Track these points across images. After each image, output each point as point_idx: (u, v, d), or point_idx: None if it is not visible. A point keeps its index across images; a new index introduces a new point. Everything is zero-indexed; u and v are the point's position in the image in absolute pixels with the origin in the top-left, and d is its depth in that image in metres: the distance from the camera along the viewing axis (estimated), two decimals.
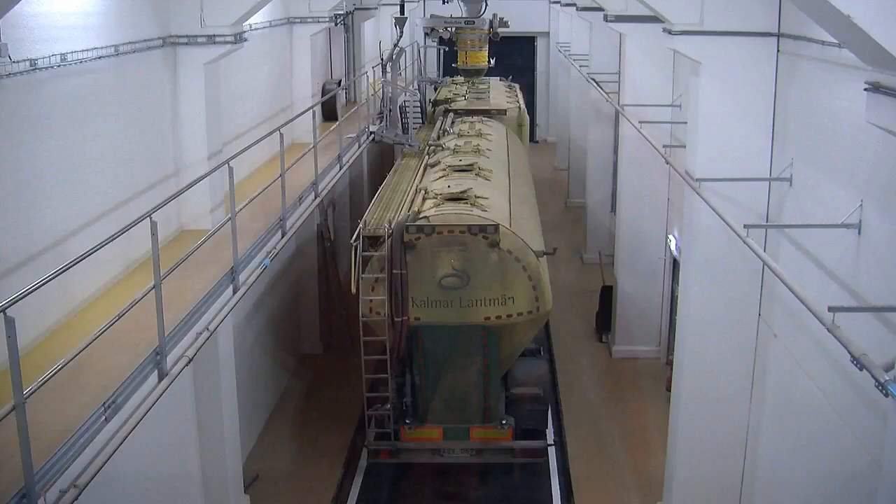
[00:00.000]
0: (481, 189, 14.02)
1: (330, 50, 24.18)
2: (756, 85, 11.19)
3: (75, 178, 10.19)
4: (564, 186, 33.36)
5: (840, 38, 6.60)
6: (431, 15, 24.32)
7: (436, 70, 29.80)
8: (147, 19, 11.96)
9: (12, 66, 8.61)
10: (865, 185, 8.58)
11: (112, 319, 7.31)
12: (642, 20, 16.40)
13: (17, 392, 5.68)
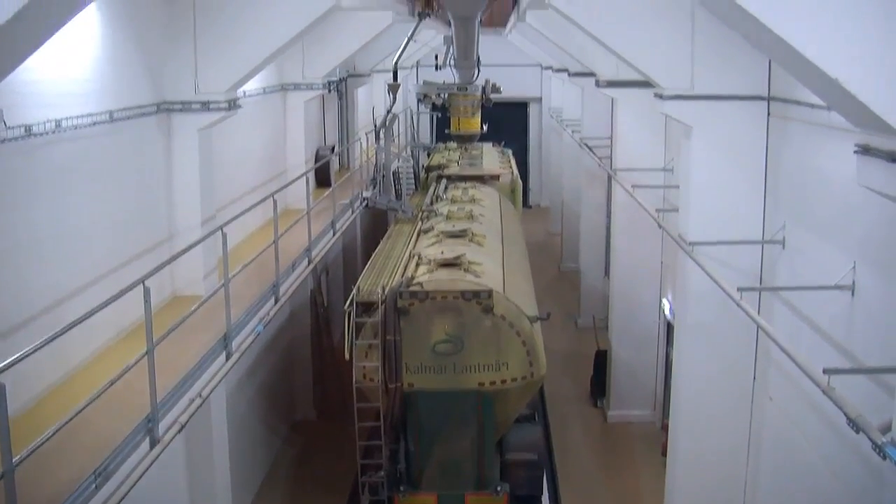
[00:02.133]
0: (475, 254, 14.01)
1: (323, 116, 24.34)
2: (747, 148, 11.28)
3: (69, 243, 10.18)
4: (558, 251, 33.42)
5: (828, 102, 6.65)
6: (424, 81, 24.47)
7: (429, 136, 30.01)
8: (142, 85, 12.05)
9: (7, 131, 8.65)
10: (858, 247, 8.60)
11: (104, 386, 7.25)
12: (634, 85, 16.57)
13: (6, 459, 5.62)
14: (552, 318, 13.98)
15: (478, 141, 26.38)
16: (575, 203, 28.64)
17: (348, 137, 26.68)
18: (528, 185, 41.73)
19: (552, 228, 37.39)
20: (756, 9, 5.54)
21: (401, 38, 20.95)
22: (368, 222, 26.62)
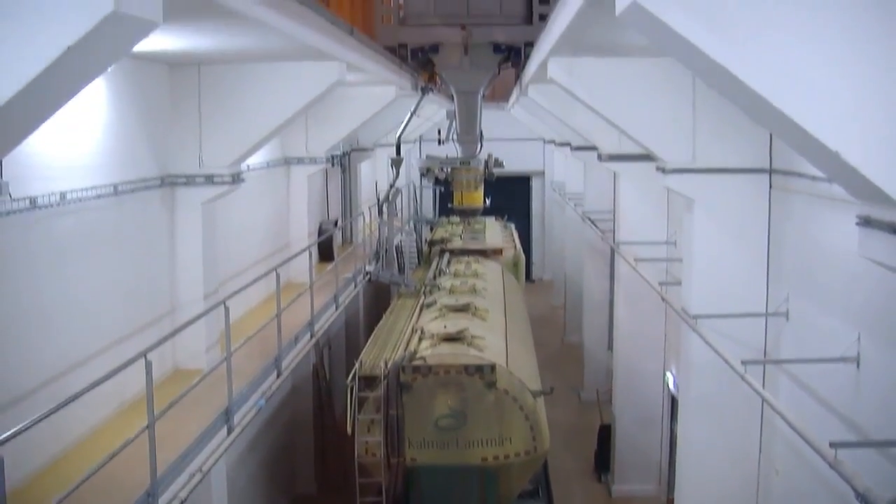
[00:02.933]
0: (477, 328, 14.00)
1: (327, 190, 24.47)
2: (750, 220, 11.30)
3: (72, 316, 10.18)
4: (561, 324, 33.34)
5: (829, 174, 6.67)
6: (427, 156, 24.68)
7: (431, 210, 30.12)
8: (146, 158, 12.13)
9: (12, 203, 8.69)
10: (862, 318, 8.57)
11: (104, 459, 7.20)
12: (635, 159, 16.68)
13: None
14: (555, 392, 13.89)
15: (481, 215, 26.56)
16: (578, 276, 28.64)
17: (351, 211, 26.80)
18: (530, 258, 41.79)
19: (555, 302, 37.34)
20: (755, 83, 5.57)
21: (404, 112, 21.17)
22: (371, 296, 26.62)
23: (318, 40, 10.91)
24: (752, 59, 5.59)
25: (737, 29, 5.60)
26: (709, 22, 5.60)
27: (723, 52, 5.60)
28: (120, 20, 5.18)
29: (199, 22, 8.55)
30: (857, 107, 5.47)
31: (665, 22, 5.65)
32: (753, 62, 5.60)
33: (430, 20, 18.43)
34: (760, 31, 5.53)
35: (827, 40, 5.47)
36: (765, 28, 5.52)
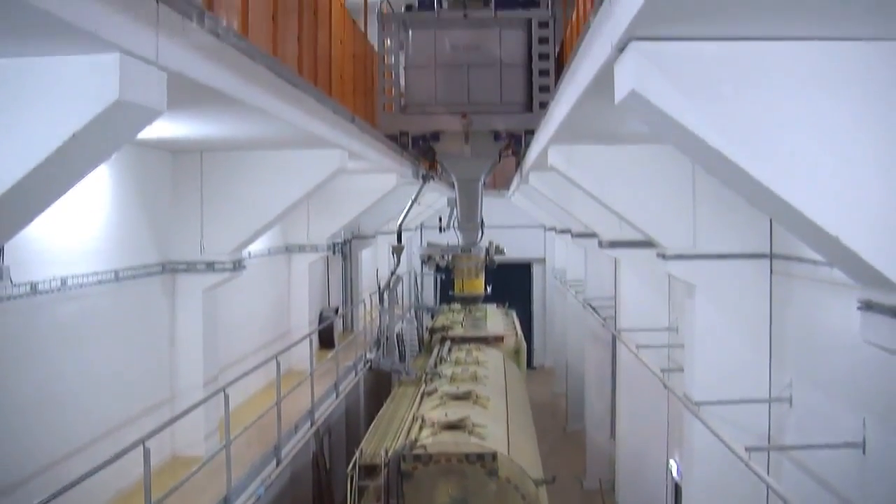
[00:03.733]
0: (479, 417, 13.89)
1: (327, 277, 24.49)
2: (751, 306, 11.30)
3: (70, 402, 10.12)
4: (563, 412, 33.09)
5: (829, 259, 6.69)
6: (428, 243, 24.74)
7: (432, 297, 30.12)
8: (147, 245, 12.17)
9: (13, 288, 8.70)
10: (867, 403, 8.51)
11: None
12: (636, 245, 16.71)
13: None
14: (558, 481, 13.72)
15: (482, 302, 26.52)
16: (579, 363, 28.52)
17: (352, 299, 26.79)
18: (532, 345, 41.63)
19: (557, 389, 37.12)
20: (753, 170, 5.61)
21: (405, 200, 21.28)
22: (372, 384, 26.46)
23: (320, 128, 11.02)
24: (751, 147, 5.64)
25: (735, 117, 5.66)
26: (707, 110, 5.66)
27: (721, 139, 5.65)
28: (125, 108, 5.25)
29: (201, 109, 8.65)
30: (856, 191, 5.50)
31: (664, 110, 5.71)
32: (752, 149, 5.64)
33: (432, 108, 18.63)
34: (758, 119, 5.59)
35: (824, 126, 5.53)
36: (763, 115, 5.58)
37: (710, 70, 5.67)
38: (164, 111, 5.81)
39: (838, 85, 5.55)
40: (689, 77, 5.67)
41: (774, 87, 5.60)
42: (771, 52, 5.62)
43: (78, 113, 5.06)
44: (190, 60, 6.35)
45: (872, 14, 5.28)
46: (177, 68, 5.99)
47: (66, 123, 5.03)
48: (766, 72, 5.61)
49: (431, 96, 18.64)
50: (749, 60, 5.62)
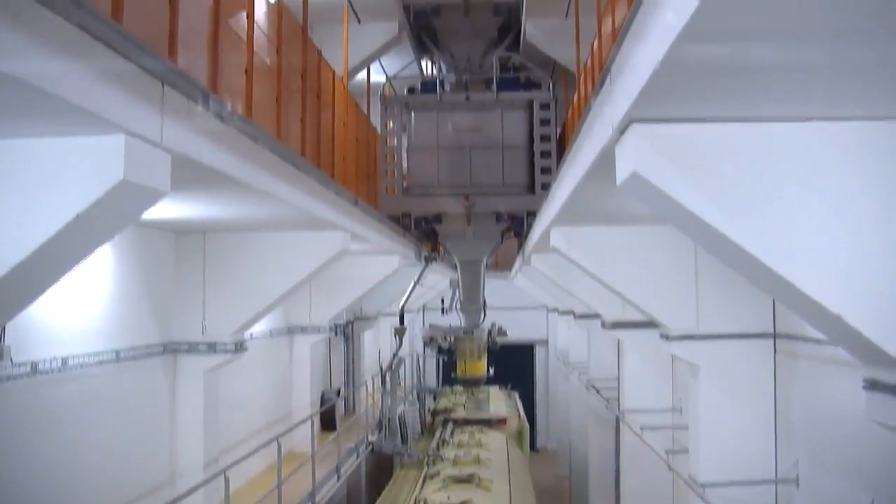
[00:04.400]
0: (482, 500, 13.74)
1: (329, 358, 24.41)
2: (756, 386, 11.23)
3: (70, 483, 10.01)
4: (566, 495, 32.68)
5: (832, 338, 6.66)
6: (430, 325, 24.70)
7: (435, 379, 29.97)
8: (148, 325, 12.15)
9: (13, 368, 8.67)
10: (875, 483, 8.41)
11: None
12: (639, 326, 16.66)
13: None
14: None
15: (484, 384, 26.38)
16: (583, 445, 28.23)
17: (354, 381, 26.66)
18: (535, 427, 41.28)
19: (560, 472, 36.71)
20: (755, 250, 5.62)
21: (407, 281, 21.29)
22: (373, 467, 26.18)
23: (323, 210, 11.08)
24: (752, 227, 5.66)
25: (736, 197, 5.68)
26: (708, 191, 5.69)
27: (722, 220, 5.66)
28: (129, 189, 5.28)
29: (205, 190, 8.70)
30: (858, 270, 5.50)
31: (665, 191, 5.73)
32: (753, 230, 5.66)
33: (434, 190, 18.76)
34: (759, 200, 5.61)
35: (825, 206, 5.55)
36: (764, 196, 5.60)
37: (711, 151, 5.71)
38: (167, 192, 5.85)
39: (838, 165, 5.59)
40: (690, 158, 5.72)
41: (775, 167, 5.64)
42: (771, 133, 5.67)
43: (82, 193, 5.09)
44: (194, 142, 6.41)
45: (870, 94, 5.33)
46: (181, 150, 6.04)
47: (69, 204, 5.06)
48: (766, 152, 5.65)
49: (434, 178, 18.79)
50: (749, 141, 5.67)
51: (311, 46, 11.32)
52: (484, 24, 20.33)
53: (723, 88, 5.18)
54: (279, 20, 9.72)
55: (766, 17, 4.18)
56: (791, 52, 4.60)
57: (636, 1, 5.35)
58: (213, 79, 7.25)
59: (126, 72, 5.15)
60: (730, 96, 5.33)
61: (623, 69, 5.94)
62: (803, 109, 5.60)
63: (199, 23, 7.13)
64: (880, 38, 4.40)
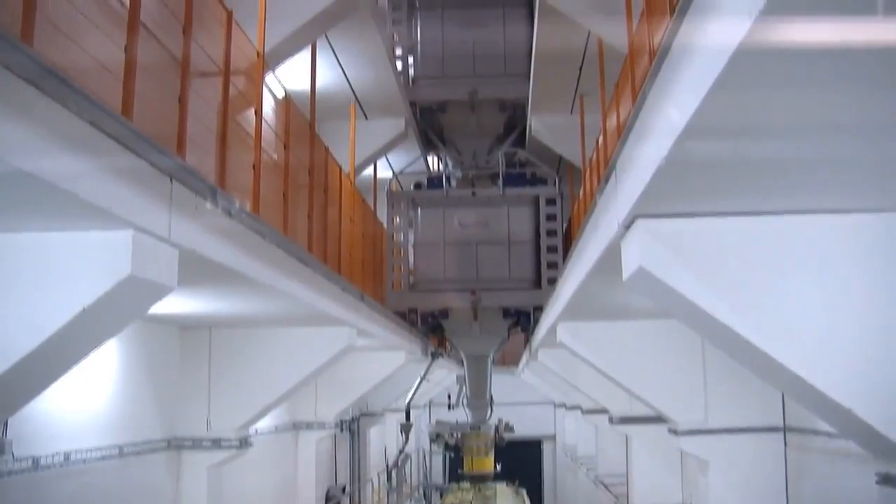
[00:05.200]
0: None
1: (335, 455, 24.16)
2: (767, 480, 11.10)
3: None
4: None
5: (843, 432, 6.60)
6: (437, 421, 24.53)
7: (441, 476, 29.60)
8: (152, 421, 12.06)
9: (15, 463, 8.58)
10: None
11: None
12: (647, 421, 16.52)
13: None
14: None
15: (491, 480, 26.07)
16: None
17: (360, 477, 26.34)
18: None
19: None
20: (762, 343, 5.61)
21: (413, 377, 21.19)
22: None
23: (329, 306, 11.08)
24: (758, 321, 5.65)
25: (741, 291, 5.69)
26: (714, 285, 5.70)
27: (728, 314, 5.66)
28: (136, 284, 5.30)
29: (212, 285, 8.72)
30: (867, 363, 5.48)
31: (671, 286, 5.74)
32: (759, 323, 5.65)
33: (440, 286, 18.80)
34: (764, 293, 5.62)
35: (832, 298, 5.55)
36: (768, 289, 5.61)
37: (716, 246, 5.74)
38: (174, 288, 5.86)
39: (843, 257, 5.61)
40: (696, 253, 5.74)
41: (780, 260, 5.66)
42: (774, 226, 5.70)
43: (89, 288, 5.11)
44: (202, 237, 6.44)
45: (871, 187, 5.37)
46: (189, 245, 6.07)
47: (76, 298, 5.07)
48: (770, 246, 5.68)
49: (440, 273, 18.84)
50: (753, 234, 5.70)
51: (318, 143, 11.45)
52: (490, 120, 20.57)
53: (726, 183, 5.23)
54: (287, 116, 9.85)
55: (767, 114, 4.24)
56: (792, 147, 4.65)
57: (639, 99, 5.43)
58: (221, 174, 7.32)
59: (136, 168, 5.21)
60: (733, 191, 5.38)
61: (628, 166, 6.00)
62: (806, 202, 5.64)
63: (207, 119, 7.23)
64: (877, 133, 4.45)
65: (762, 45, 3.67)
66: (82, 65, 4.89)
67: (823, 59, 3.78)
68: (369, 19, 13.53)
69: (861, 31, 3.55)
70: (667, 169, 4.87)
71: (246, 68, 8.46)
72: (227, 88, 7.60)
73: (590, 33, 12.96)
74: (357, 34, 13.82)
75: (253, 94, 8.57)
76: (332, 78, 15.36)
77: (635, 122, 5.65)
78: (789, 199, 5.57)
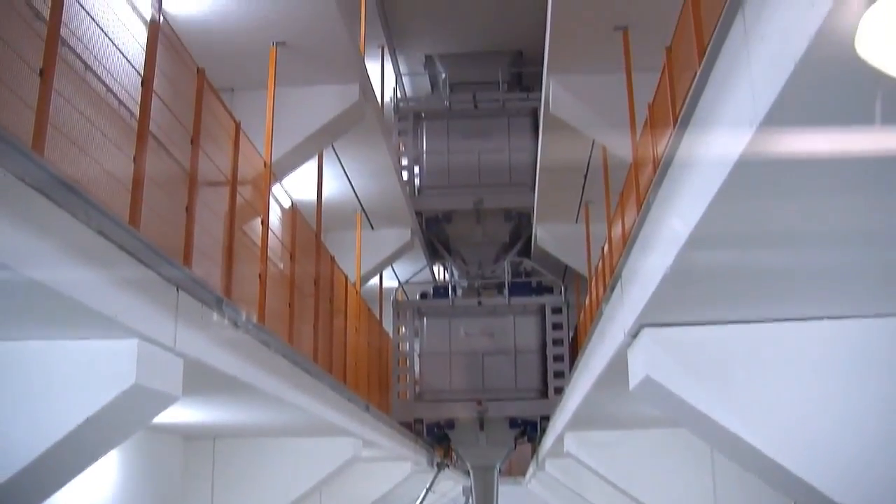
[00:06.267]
0: None
1: None
2: None
3: None
4: None
5: None
6: None
7: None
8: None
9: None
10: None
11: None
12: None
13: None
14: None
15: None
16: None
17: None
18: None
19: None
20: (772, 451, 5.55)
21: (419, 488, 20.88)
22: None
23: (335, 416, 10.99)
24: (768, 429, 5.60)
25: (749, 399, 5.65)
26: (721, 394, 5.66)
27: (736, 422, 5.62)
28: (140, 393, 5.27)
29: (216, 395, 8.67)
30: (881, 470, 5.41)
31: (678, 395, 5.71)
32: (768, 432, 5.60)
33: (446, 396, 18.68)
34: (773, 401, 5.59)
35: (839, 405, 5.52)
36: (776, 397, 5.58)
37: (722, 354, 5.71)
38: (179, 397, 5.83)
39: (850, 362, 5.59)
40: (702, 362, 5.72)
41: (785, 367, 5.63)
42: (780, 333, 5.69)
43: (93, 397, 5.08)
44: (207, 347, 6.43)
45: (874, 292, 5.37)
46: (194, 355, 6.05)
47: (80, 407, 5.04)
48: (776, 353, 5.66)
49: (446, 383, 18.73)
50: (758, 341, 5.69)
51: (324, 253, 11.49)
52: (495, 229, 20.67)
53: (730, 291, 5.24)
54: (294, 226, 9.91)
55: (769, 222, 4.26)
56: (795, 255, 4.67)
57: (643, 209, 5.47)
58: (228, 285, 7.34)
59: (142, 277, 5.22)
60: (737, 299, 5.38)
61: (633, 275, 6.02)
62: (810, 309, 5.63)
63: (214, 229, 7.28)
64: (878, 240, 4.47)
65: (763, 155, 3.71)
66: (91, 174, 4.95)
67: (824, 168, 3.82)
68: (376, 130, 13.69)
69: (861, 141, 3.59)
70: (672, 278, 4.89)
71: (253, 178, 8.55)
72: (234, 198, 7.67)
73: (594, 142, 13.11)
74: (363, 144, 13.97)
75: (260, 204, 8.64)
76: (339, 188, 15.49)
77: (640, 232, 5.69)
78: (793, 306, 5.57)
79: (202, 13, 9.55)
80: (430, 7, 18.31)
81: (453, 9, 18.49)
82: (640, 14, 9.71)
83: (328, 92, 11.52)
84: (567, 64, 11.43)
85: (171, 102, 6.34)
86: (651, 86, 6.85)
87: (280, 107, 10.05)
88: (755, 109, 3.62)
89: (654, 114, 6.59)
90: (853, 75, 3.33)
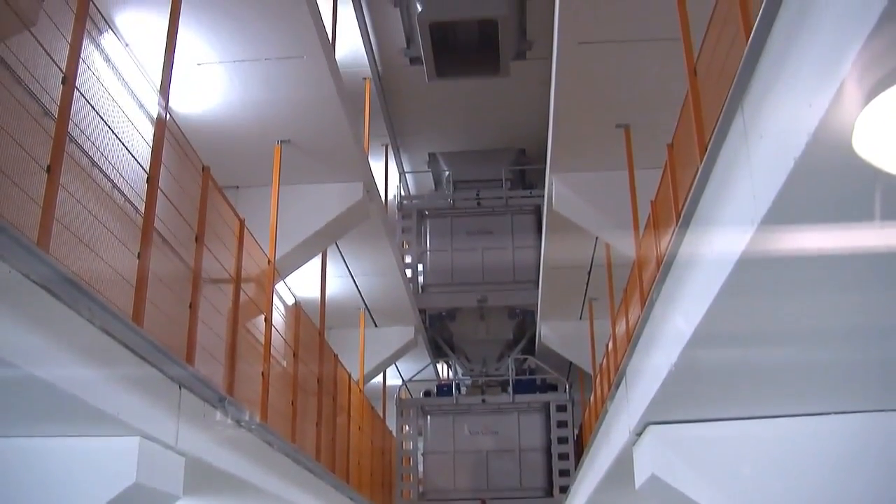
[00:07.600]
0: None
1: None
2: None
3: None
4: None
5: None
6: None
7: None
8: None
9: None
10: None
11: None
12: None
13: None
14: None
15: None
16: None
17: None
18: None
19: None
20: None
21: None
22: None
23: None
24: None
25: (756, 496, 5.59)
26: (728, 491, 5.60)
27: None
28: (141, 492, 5.22)
29: (218, 494, 8.56)
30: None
31: (684, 493, 5.65)
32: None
33: (450, 495, 18.47)
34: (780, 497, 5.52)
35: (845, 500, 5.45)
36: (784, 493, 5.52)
37: (727, 451, 5.67)
38: (180, 496, 5.76)
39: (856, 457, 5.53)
40: (708, 459, 5.67)
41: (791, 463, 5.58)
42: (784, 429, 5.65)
43: (93, 496, 5.02)
44: (209, 446, 6.37)
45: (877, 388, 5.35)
46: (196, 453, 6.00)
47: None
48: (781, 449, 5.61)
49: (450, 482, 18.50)
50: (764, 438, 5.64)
51: (327, 351, 11.45)
52: (499, 327, 20.62)
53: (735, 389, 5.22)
54: (297, 324, 9.89)
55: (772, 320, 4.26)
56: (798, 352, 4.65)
57: (646, 307, 5.48)
58: (230, 383, 7.30)
59: (145, 375, 5.21)
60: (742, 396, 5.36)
61: (637, 373, 6.00)
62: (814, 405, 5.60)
63: (218, 327, 7.27)
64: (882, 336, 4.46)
65: (764, 253, 3.73)
66: (96, 271, 4.97)
67: (825, 265, 3.83)
68: (379, 228, 13.73)
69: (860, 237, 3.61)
70: (676, 376, 4.87)
71: (257, 276, 8.56)
72: (237, 296, 7.67)
73: (598, 239, 13.13)
74: (367, 242, 13.98)
75: (263, 302, 8.64)
76: (342, 285, 15.49)
77: (643, 331, 5.68)
78: (797, 401, 5.53)
79: (208, 111, 9.65)
80: (434, 106, 18.48)
81: (456, 107, 18.67)
82: (642, 112, 9.80)
83: (332, 190, 11.56)
84: (569, 162, 11.49)
85: (177, 199, 6.38)
86: (653, 182, 6.89)
87: (284, 204, 10.09)
88: (756, 207, 3.64)
89: (657, 210, 6.62)
90: (851, 172, 3.36)
